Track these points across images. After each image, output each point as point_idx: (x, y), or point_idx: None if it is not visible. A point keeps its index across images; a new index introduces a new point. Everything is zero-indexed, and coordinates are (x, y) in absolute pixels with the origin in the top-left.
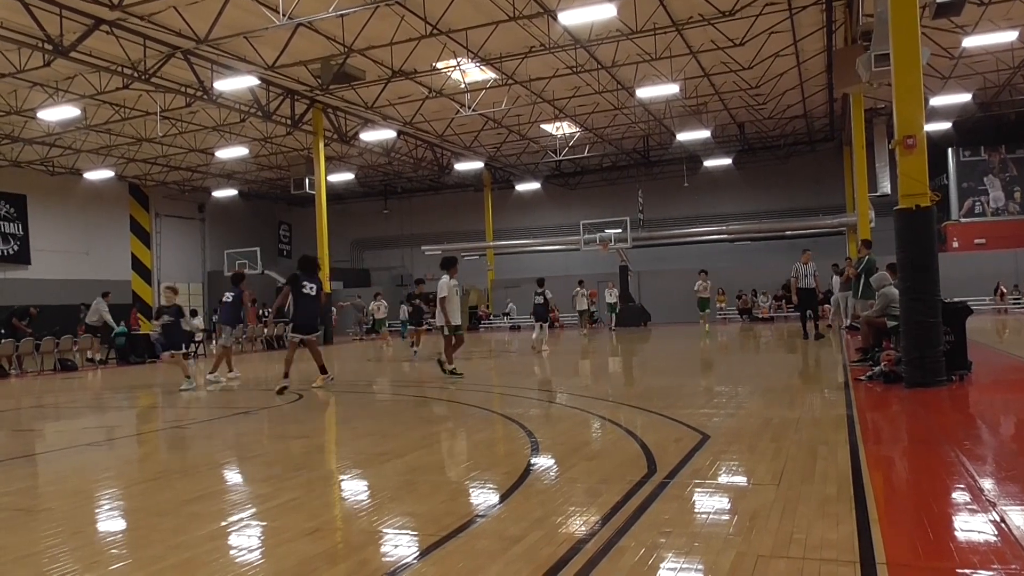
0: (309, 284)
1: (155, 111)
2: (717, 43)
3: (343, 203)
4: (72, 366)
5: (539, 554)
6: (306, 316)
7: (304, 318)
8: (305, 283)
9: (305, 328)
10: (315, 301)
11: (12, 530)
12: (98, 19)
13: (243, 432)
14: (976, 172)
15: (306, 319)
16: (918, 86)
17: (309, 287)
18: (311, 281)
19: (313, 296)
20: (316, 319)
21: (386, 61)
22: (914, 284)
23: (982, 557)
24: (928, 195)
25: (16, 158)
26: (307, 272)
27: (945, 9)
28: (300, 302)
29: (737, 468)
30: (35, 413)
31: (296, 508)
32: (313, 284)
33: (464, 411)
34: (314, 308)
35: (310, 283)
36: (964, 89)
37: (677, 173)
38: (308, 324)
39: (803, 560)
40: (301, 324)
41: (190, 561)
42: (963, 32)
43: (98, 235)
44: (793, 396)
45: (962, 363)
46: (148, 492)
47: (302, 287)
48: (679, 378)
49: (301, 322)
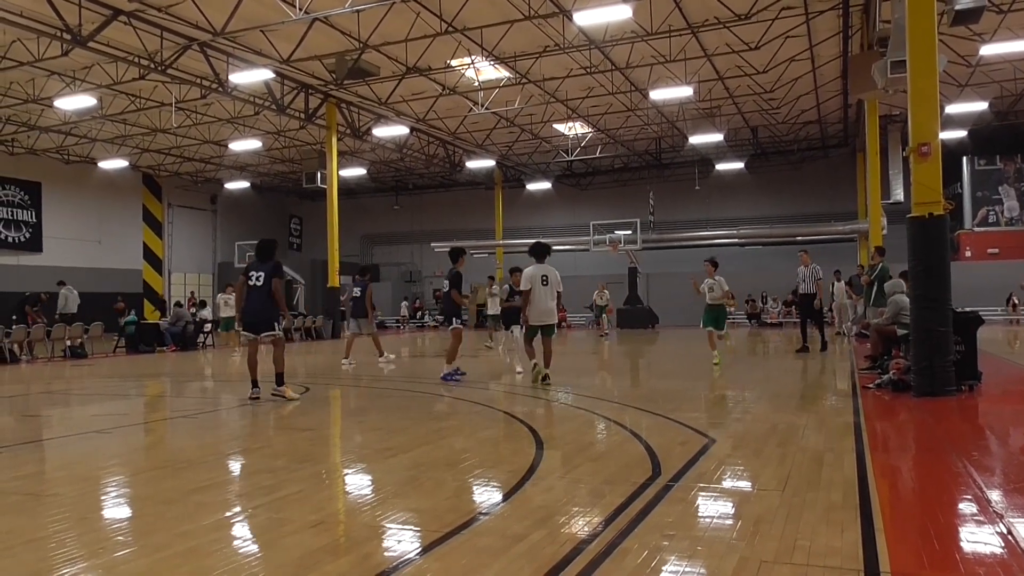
0: (256, 273)
1: (170, 102)
2: (732, 46)
3: (354, 198)
4: (82, 354)
5: (541, 553)
6: (247, 311)
7: (244, 313)
8: (252, 272)
9: (248, 325)
10: (260, 292)
11: (20, 514)
12: (116, 10)
13: (249, 423)
14: (991, 181)
15: (246, 314)
16: (934, 93)
17: (256, 276)
18: (259, 269)
19: (258, 287)
20: (258, 314)
21: (400, 58)
22: (925, 292)
23: (988, 569)
24: (942, 203)
25: (32, 146)
26: (259, 258)
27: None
28: (247, 295)
29: (742, 473)
30: (44, 399)
31: (300, 500)
32: (260, 272)
33: (470, 408)
34: (254, 302)
35: (257, 271)
36: (980, 97)
37: (689, 176)
38: (251, 320)
39: (807, 567)
40: (242, 320)
41: (195, 550)
42: (981, 40)
43: (111, 224)
44: (800, 402)
45: (972, 373)
46: (154, 480)
47: (249, 277)
48: (685, 381)
49: (241, 318)
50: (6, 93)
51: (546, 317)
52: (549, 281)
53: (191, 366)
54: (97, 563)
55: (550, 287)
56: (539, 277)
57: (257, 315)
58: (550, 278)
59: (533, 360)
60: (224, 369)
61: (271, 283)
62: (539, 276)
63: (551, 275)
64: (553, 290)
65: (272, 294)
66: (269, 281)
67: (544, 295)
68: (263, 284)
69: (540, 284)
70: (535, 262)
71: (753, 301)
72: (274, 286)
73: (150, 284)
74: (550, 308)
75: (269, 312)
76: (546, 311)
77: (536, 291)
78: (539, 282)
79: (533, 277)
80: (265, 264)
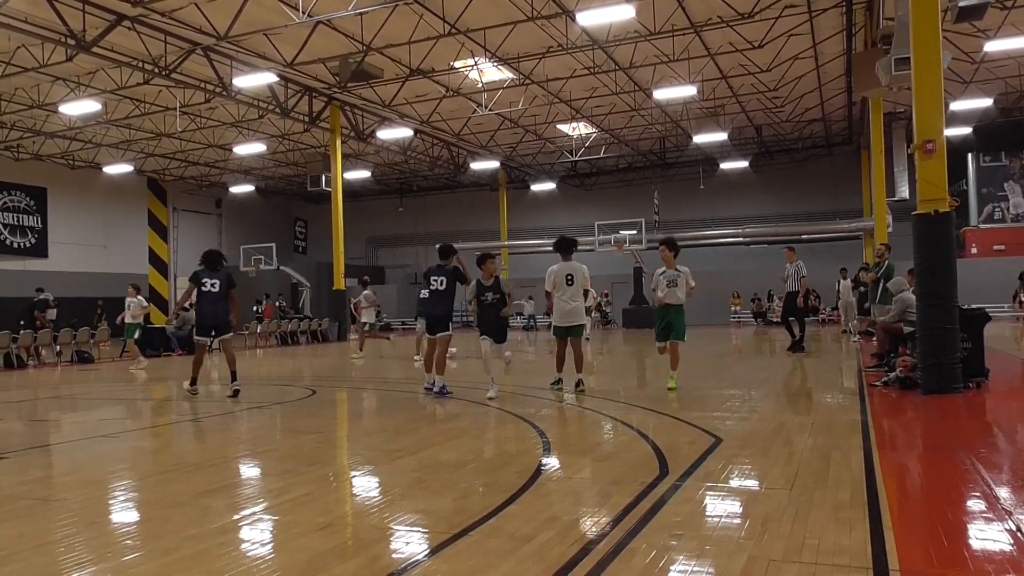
0: (211, 280)
1: (175, 107)
2: (736, 45)
3: (359, 200)
4: (89, 358)
5: (550, 554)
6: (206, 315)
7: (203, 317)
8: (206, 280)
9: (209, 329)
10: (218, 298)
11: (29, 519)
12: (120, 15)
13: (256, 426)
14: (996, 178)
15: (206, 318)
16: (938, 90)
17: (211, 283)
18: (213, 277)
19: (216, 292)
20: (222, 317)
21: (404, 60)
22: (932, 290)
23: (997, 566)
24: (947, 200)
25: (37, 151)
26: (210, 267)
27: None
28: (201, 300)
29: (750, 472)
30: (52, 404)
31: (308, 503)
32: (216, 280)
33: (476, 409)
34: (217, 306)
35: (211, 279)
36: (985, 94)
37: (693, 175)
38: (212, 324)
39: (815, 565)
40: (200, 324)
41: (203, 553)
42: (985, 36)
43: (116, 229)
44: (807, 400)
45: (979, 370)
46: (162, 484)
47: (202, 284)
48: (691, 380)
49: (200, 322)
50: (11, 99)
51: (572, 318)
52: (575, 280)
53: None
54: (106, 567)
55: (576, 286)
56: (564, 275)
57: (219, 319)
58: (576, 276)
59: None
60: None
61: (228, 290)
62: (564, 274)
63: (577, 273)
64: (579, 288)
65: (229, 300)
66: (225, 288)
67: (569, 294)
68: (220, 291)
69: (565, 283)
70: (560, 259)
71: (759, 300)
72: (231, 293)
73: (156, 288)
74: (575, 308)
75: (228, 316)
76: (571, 311)
77: (560, 291)
78: (564, 281)
79: (557, 275)
80: (218, 273)
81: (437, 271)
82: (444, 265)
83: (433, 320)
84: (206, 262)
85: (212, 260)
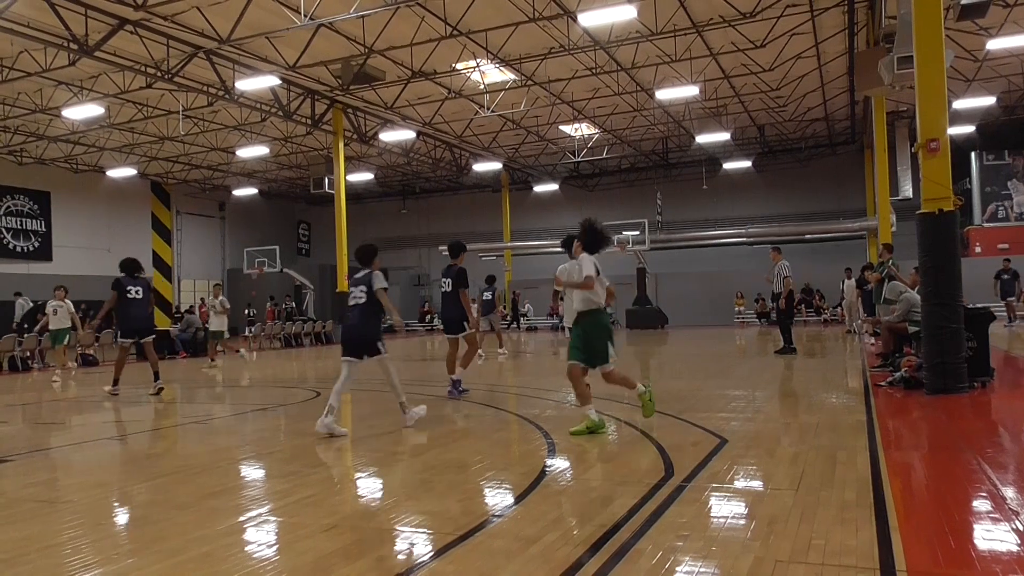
0: (134, 287)
1: (177, 110)
2: (738, 45)
3: (362, 202)
4: (93, 361)
5: (555, 555)
6: (133, 320)
7: (131, 322)
8: (130, 287)
9: (135, 332)
10: (142, 303)
11: (35, 521)
12: (122, 19)
13: (261, 428)
14: (1000, 176)
15: (133, 322)
16: (941, 89)
17: (135, 290)
18: (135, 283)
19: (140, 299)
20: (145, 321)
21: (406, 62)
22: (936, 289)
23: (1005, 567)
24: (951, 199)
25: (41, 156)
26: (130, 274)
27: (969, 11)
28: (126, 306)
29: (755, 472)
30: (56, 407)
31: (314, 504)
32: (138, 286)
33: (481, 411)
34: (142, 310)
35: (135, 286)
36: (988, 92)
37: (696, 175)
38: (138, 327)
39: (822, 566)
40: (128, 328)
41: (209, 555)
42: (987, 34)
43: (120, 232)
44: (812, 401)
45: (984, 369)
46: (167, 486)
47: (127, 291)
48: (696, 381)
49: (128, 326)
50: (14, 103)
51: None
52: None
53: (202, 372)
54: (112, 569)
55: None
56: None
57: (143, 323)
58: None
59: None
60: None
61: (150, 296)
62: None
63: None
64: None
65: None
66: (148, 294)
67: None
68: (143, 296)
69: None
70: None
71: (763, 300)
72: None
73: (160, 292)
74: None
75: (152, 320)
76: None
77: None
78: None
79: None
80: (139, 280)
81: (445, 272)
82: (452, 265)
83: (445, 322)
84: (126, 270)
85: (131, 268)
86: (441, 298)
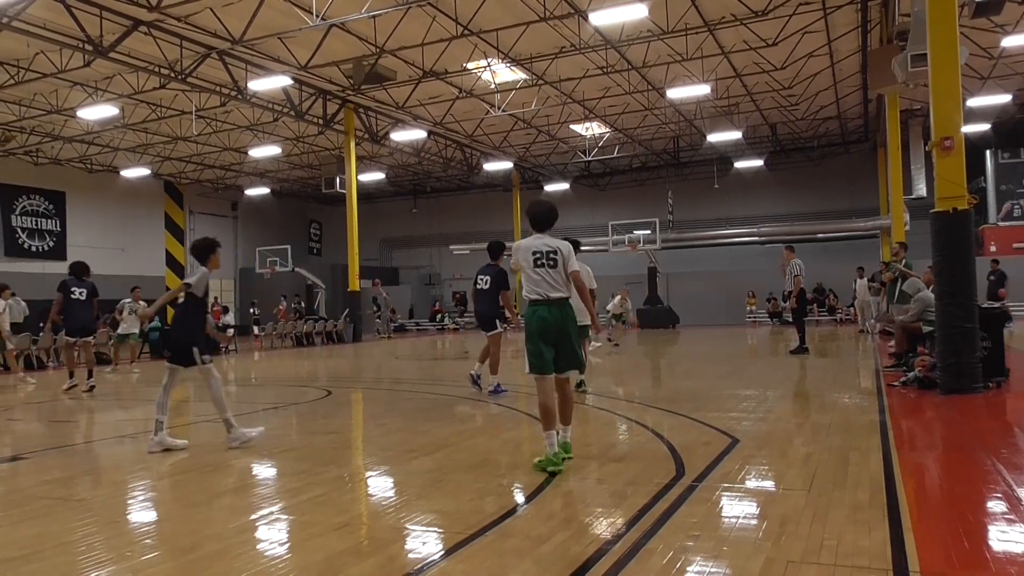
0: (79, 289)
1: (191, 110)
2: (749, 43)
3: (373, 202)
4: (107, 360)
5: (566, 554)
6: (74, 319)
7: (75, 321)
8: (74, 288)
9: (77, 331)
10: (85, 305)
11: (49, 518)
12: (137, 20)
13: (272, 427)
14: (1015, 174)
15: (74, 322)
16: (956, 86)
17: (79, 292)
18: (80, 286)
19: (83, 300)
20: (88, 322)
21: (417, 62)
22: (951, 288)
23: (1020, 568)
24: (965, 198)
25: (56, 156)
26: (76, 277)
27: (984, 8)
28: (70, 306)
29: (767, 473)
30: (71, 405)
31: (325, 503)
32: (83, 288)
33: (491, 410)
34: (84, 312)
35: (79, 288)
36: (1003, 90)
37: (707, 174)
38: (79, 327)
39: (835, 567)
40: (72, 328)
41: (221, 553)
42: (1002, 32)
43: (134, 231)
44: (824, 401)
45: (999, 370)
46: (180, 484)
47: (71, 292)
48: (707, 380)
49: (72, 325)
50: (30, 104)
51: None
52: None
53: None
54: (126, 566)
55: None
56: None
57: (86, 323)
58: None
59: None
60: (247, 373)
61: (92, 298)
62: None
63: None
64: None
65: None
66: (90, 296)
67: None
68: (86, 298)
69: None
70: None
71: (775, 299)
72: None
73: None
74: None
75: (92, 321)
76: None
77: None
78: None
79: None
80: (84, 282)
81: (484, 270)
82: (492, 264)
83: (480, 318)
84: (74, 272)
85: (79, 271)
86: (476, 295)
